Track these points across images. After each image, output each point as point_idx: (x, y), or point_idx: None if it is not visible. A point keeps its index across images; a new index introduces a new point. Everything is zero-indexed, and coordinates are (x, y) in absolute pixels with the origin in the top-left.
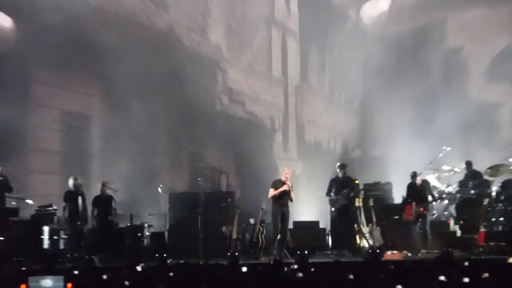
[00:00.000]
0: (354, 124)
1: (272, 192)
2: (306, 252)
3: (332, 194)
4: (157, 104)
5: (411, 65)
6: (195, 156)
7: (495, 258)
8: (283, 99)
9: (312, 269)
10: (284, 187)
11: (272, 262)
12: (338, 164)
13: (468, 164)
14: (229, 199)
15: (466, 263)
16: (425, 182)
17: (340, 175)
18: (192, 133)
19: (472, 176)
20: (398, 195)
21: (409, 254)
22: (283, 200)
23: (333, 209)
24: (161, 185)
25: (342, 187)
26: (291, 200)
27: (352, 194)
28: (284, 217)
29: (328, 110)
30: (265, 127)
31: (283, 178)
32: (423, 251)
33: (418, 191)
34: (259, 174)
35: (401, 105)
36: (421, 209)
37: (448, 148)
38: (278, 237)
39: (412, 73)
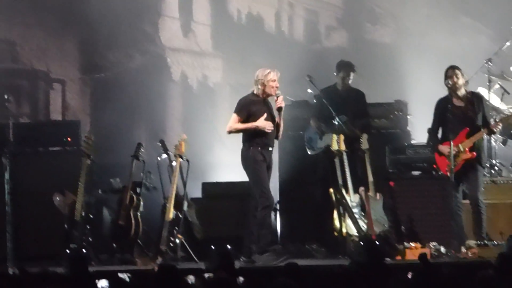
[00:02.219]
0: None
1: (236, 121)
2: (229, 247)
3: (313, 123)
4: None
5: None
6: None
7: None
8: None
9: (241, 281)
10: (276, 110)
11: (159, 268)
12: (339, 63)
13: None
14: (69, 138)
15: None
16: (476, 98)
17: (339, 85)
18: None
19: None
20: (420, 127)
21: (443, 250)
22: (267, 136)
23: (310, 152)
24: None
25: (342, 109)
26: (277, 137)
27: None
28: (269, 169)
29: None
30: None
31: (268, 89)
32: (471, 242)
33: (460, 115)
34: (135, 81)
35: None
36: (467, 151)
37: None
38: (260, 209)
39: None
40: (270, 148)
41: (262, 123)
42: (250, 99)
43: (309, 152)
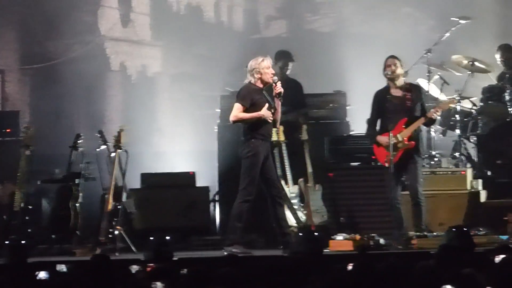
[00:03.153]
0: None
1: (241, 110)
2: (167, 238)
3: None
4: None
5: None
6: None
7: None
8: None
9: (185, 273)
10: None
11: (92, 258)
12: (278, 53)
13: (505, 49)
14: (8, 129)
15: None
16: (414, 88)
17: (278, 75)
18: None
19: None
20: (359, 118)
21: (382, 241)
22: (268, 127)
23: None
24: None
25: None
26: (276, 124)
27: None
28: (267, 160)
29: None
30: None
31: (266, 77)
32: (411, 233)
33: (399, 105)
34: (74, 71)
35: None
36: (405, 140)
37: (462, 22)
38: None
39: None
40: (269, 139)
41: (266, 112)
42: (251, 87)
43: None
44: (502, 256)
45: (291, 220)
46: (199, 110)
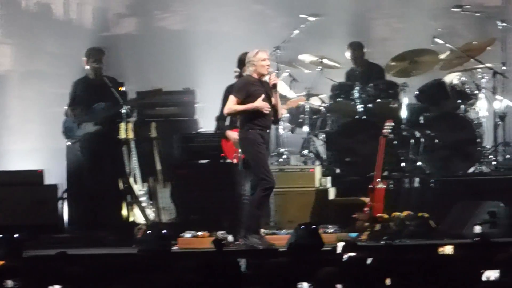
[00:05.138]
0: None
1: (235, 103)
2: (16, 236)
3: (70, 113)
4: None
5: None
6: None
7: (415, 246)
8: None
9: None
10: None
11: None
12: (90, 49)
13: (355, 47)
14: None
15: (347, 255)
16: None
17: (91, 74)
18: None
19: (367, 73)
20: (209, 115)
21: (231, 238)
22: (265, 118)
23: (69, 141)
24: None
25: (100, 97)
26: (277, 119)
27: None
28: (267, 150)
29: None
30: None
31: (260, 69)
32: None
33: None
34: None
35: None
36: None
37: (312, 19)
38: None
39: None
40: (268, 130)
41: (261, 103)
42: (247, 80)
43: (67, 142)
44: (350, 254)
45: (140, 218)
46: (49, 108)
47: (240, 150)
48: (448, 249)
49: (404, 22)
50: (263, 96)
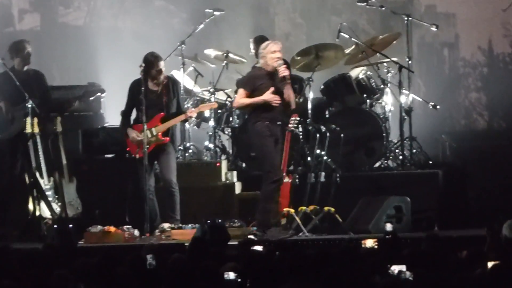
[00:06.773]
0: None
1: (243, 96)
2: None
3: (3, 108)
4: None
5: None
6: None
7: (321, 241)
8: None
9: None
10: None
11: None
12: (12, 45)
13: (258, 41)
14: None
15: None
16: (172, 83)
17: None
18: None
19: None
20: (114, 110)
21: (136, 233)
22: (275, 110)
23: (2, 136)
24: None
25: (26, 91)
26: (289, 107)
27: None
28: (277, 144)
29: None
30: None
31: (270, 62)
32: (165, 225)
33: (155, 99)
34: None
35: None
36: (160, 136)
37: (217, 13)
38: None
39: None
40: (278, 122)
41: (269, 96)
42: (255, 73)
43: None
44: (256, 248)
45: (46, 212)
46: None
47: (147, 146)
48: (370, 243)
49: (306, 18)
50: (272, 88)
